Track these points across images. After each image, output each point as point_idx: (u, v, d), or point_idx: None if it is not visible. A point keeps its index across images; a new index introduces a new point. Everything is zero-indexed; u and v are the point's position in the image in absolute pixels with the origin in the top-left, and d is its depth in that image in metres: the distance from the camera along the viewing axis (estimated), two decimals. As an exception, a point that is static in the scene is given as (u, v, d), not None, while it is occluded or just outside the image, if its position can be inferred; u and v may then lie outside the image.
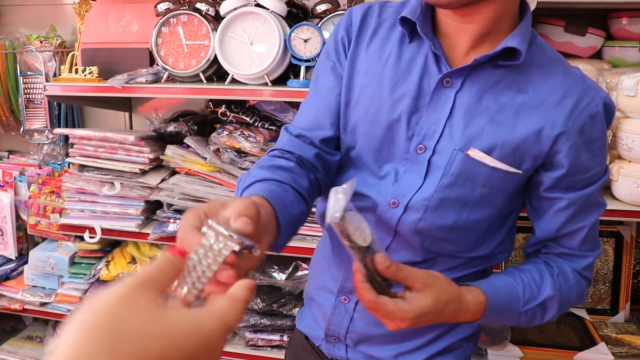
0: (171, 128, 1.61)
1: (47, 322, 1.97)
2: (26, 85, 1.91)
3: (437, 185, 0.80)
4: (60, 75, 1.64)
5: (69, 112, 1.97)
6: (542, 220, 0.85)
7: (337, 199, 0.60)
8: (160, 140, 1.64)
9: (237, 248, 0.49)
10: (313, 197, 0.84)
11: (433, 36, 0.80)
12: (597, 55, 1.59)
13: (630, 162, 1.36)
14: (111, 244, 1.79)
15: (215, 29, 1.47)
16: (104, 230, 1.60)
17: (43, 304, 1.78)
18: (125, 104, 1.96)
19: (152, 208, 1.64)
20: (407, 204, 0.81)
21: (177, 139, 1.63)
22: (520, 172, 0.79)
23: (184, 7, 1.50)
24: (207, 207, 0.57)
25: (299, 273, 1.62)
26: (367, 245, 0.64)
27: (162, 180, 1.58)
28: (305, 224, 1.47)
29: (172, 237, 1.57)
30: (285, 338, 1.61)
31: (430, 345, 0.90)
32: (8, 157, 2.07)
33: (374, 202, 0.84)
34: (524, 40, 0.75)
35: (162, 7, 1.54)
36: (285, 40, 1.42)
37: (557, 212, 0.83)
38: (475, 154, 0.77)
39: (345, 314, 0.92)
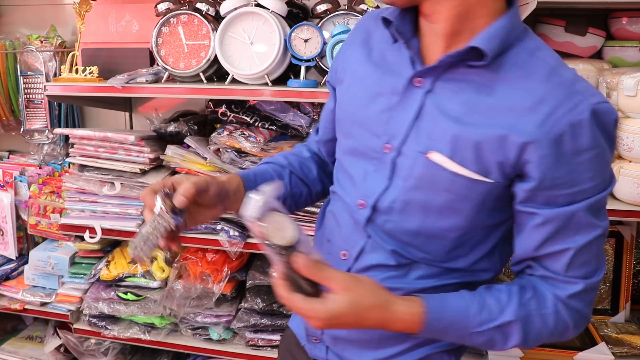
0: (171, 128, 1.61)
1: (48, 322, 1.97)
2: (26, 85, 1.91)
3: (402, 188, 0.78)
4: (60, 75, 1.64)
5: (69, 112, 1.97)
6: (520, 237, 0.78)
7: (253, 200, 0.68)
8: (160, 140, 1.64)
9: (172, 225, 0.74)
10: (320, 184, 1.02)
11: (412, 36, 0.80)
12: (598, 55, 1.58)
13: (630, 162, 1.36)
14: (111, 243, 1.79)
15: (215, 29, 1.47)
16: (104, 230, 1.60)
17: (43, 304, 1.78)
18: (126, 104, 1.96)
19: (153, 208, 1.64)
20: (374, 204, 0.81)
21: (177, 139, 1.63)
22: (488, 180, 0.74)
23: (184, 7, 1.50)
24: (174, 179, 0.79)
25: (299, 273, 1.62)
26: (288, 245, 0.68)
27: (163, 180, 1.58)
28: (307, 225, 1.47)
29: (172, 237, 1.56)
30: (285, 338, 1.61)
31: (407, 353, 0.86)
32: (8, 157, 2.08)
33: (346, 202, 0.86)
34: (492, 39, 0.71)
35: (162, 7, 1.54)
36: (285, 40, 1.42)
37: (534, 228, 0.75)
38: (436, 157, 0.74)
39: None
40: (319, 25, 1.48)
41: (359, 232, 0.84)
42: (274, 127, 1.60)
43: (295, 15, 1.61)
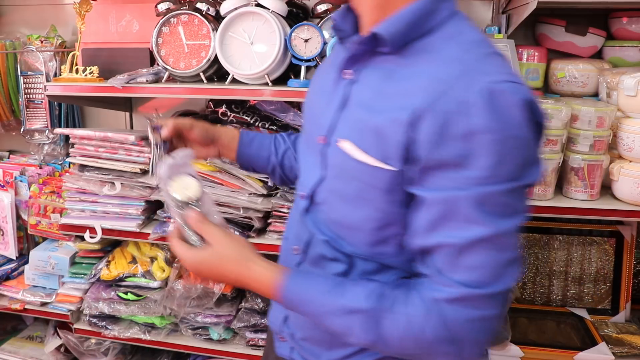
0: (172, 128, 1.61)
1: (48, 322, 1.97)
2: (27, 85, 1.91)
3: (328, 178, 0.81)
4: (60, 75, 1.64)
5: (69, 112, 1.97)
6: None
7: (165, 161, 0.83)
8: (160, 140, 1.64)
9: (163, 152, 0.97)
10: None
11: (354, 33, 0.83)
12: (598, 55, 1.59)
13: (630, 161, 1.36)
14: (112, 243, 1.79)
15: (215, 29, 1.47)
16: (105, 230, 1.60)
17: (44, 304, 1.78)
18: (126, 104, 1.96)
19: (153, 208, 1.64)
20: (310, 195, 0.84)
21: (177, 139, 1.63)
22: (388, 167, 0.71)
23: (185, 7, 1.50)
24: (177, 119, 1.00)
25: (300, 273, 1.62)
26: (187, 201, 0.81)
27: (163, 180, 1.58)
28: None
29: (172, 237, 1.57)
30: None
31: (358, 355, 0.83)
32: (9, 157, 2.08)
33: (297, 195, 0.91)
34: (394, 25, 0.71)
35: (162, 7, 1.54)
36: (285, 40, 1.42)
37: (417, 211, 0.70)
38: (345, 145, 0.76)
39: (281, 312, 0.93)
40: (319, 25, 1.48)
41: (303, 225, 0.86)
42: (274, 127, 1.60)
43: (296, 15, 1.61)
